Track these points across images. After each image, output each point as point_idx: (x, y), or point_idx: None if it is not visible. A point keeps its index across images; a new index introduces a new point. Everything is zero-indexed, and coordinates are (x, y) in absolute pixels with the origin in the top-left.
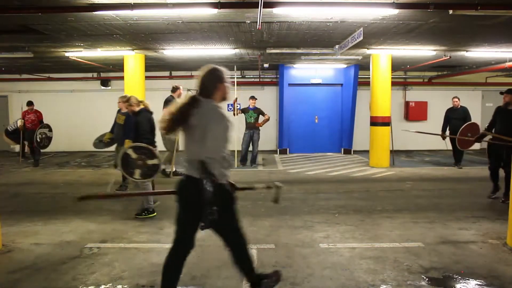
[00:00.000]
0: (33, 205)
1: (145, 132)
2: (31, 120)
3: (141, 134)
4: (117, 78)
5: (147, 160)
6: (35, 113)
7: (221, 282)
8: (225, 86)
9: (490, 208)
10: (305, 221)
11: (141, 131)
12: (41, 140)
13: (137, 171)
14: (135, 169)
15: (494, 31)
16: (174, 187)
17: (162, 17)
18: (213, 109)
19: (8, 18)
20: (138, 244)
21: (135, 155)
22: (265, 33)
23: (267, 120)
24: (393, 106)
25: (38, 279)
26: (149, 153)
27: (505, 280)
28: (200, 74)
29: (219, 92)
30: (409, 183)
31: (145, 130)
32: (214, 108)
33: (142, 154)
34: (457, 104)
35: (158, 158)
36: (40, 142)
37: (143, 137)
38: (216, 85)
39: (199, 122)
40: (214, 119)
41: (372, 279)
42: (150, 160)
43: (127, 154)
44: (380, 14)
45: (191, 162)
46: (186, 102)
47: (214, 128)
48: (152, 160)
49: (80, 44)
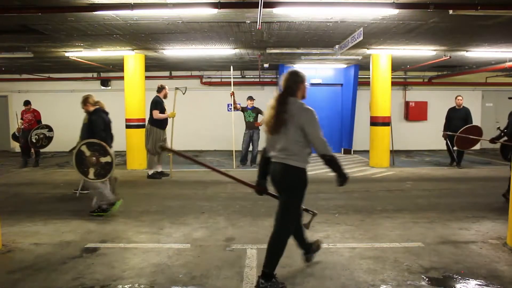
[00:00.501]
0: (33, 205)
1: (99, 131)
2: (28, 120)
3: (95, 133)
4: (117, 78)
5: (101, 158)
6: (32, 112)
7: (221, 282)
8: (305, 86)
9: (490, 208)
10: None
11: (95, 130)
12: (38, 141)
13: (91, 170)
14: (89, 168)
15: (494, 31)
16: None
17: (162, 17)
18: (302, 107)
19: (8, 18)
20: (138, 244)
21: (88, 152)
22: (265, 33)
23: None
24: (393, 106)
25: (38, 279)
26: (102, 150)
27: (505, 280)
28: (284, 77)
29: (300, 91)
30: (409, 183)
31: (99, 129)
32: (302, 105)
33: (95, 151)
34: (461, 103)
35: (111, 156)
36: (36, 142)
37: (97, 136)
38: (298, 85)
39: (290, 117)
40: (309, 117)
41: (372, 279)
42: (103, 157)
43: (81, 151)
44: (380, 14)
45: (283, 151)
46: (277, 102)
47: (311, 125)
48: (105, 158)
49: (80, 44)
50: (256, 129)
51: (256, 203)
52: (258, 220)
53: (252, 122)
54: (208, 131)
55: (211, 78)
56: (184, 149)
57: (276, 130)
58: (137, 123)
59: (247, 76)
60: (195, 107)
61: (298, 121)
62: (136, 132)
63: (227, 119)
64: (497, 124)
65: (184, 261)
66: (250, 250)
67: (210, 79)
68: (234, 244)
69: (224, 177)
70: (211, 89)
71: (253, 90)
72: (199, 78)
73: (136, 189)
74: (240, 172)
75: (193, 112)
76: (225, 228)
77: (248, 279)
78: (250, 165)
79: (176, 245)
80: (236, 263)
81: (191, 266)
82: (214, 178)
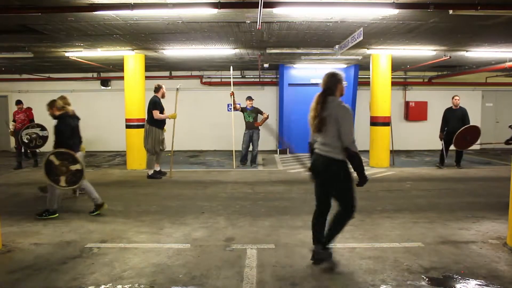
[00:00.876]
0: (33, 205)
1: (65, 140)
2: (21, 120)
3: (61, 142)
4: (117, 78)
5: (70, 166)
6: (24, 112)
7: (221, 282)
8: (342, 86)
9: (490, 208)
10: (305, 221)
11: (62, 139)
12: (31, 141)
13: (62, 178)
14: (60, 176)
15: (494, 31)
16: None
17: (162, 17)
18: (339, 105)
19: (8, 18)
20: (138, 244)
21: (57, 161)
22: (265, 33)
23: (266, 119)
24: (393, 106)
25: (38, 279)
26: (70, 158)
27: (505, 280)
28: (324, 78)
29: (338, 90)
30: (409, 183)
31: (66, 137)
32: (340, 103)
33: (64, 160)
34: (458, 103)
35: (80, 163)
36: (29, 142)
37: (62, 143)
38: (336, 85)
39: (329, 114)
40: (343, 114)
41: (372, 279)
42: (73, 165)
43: (50, 160)
44: (380, 14)
45: (325, 145)
46: (318, 102)
47: (344, 120)
48: (75, 166)
49: (80, 44)
50: (256, 129)
51: (256, 203)
52: (258, 220)
53: (252, 122)
54: (208, 131)
55: (211, 78)
56: (184, 149)
57: (319, 130)
58: (137, 123)
59: (247, 76)
60: (195, 107)
61: (336, 117)
62: (136, 132)
63: (227, 119)
64: (497, 124)
65: (184, 261)
66: (250, 250)
67: (210, 79)
68: (234, 244)
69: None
70: (211, 89)
71: (253, 90)
72: (199, 78)
73: (136, 189)
74: (240, 172)
75: (193, 112)
76: (225, 228)
77: (248, 279)
78: (250, 165)
79: (176, 245)
80: (236, 263)
81: (191, 266)
82: (214, 178)
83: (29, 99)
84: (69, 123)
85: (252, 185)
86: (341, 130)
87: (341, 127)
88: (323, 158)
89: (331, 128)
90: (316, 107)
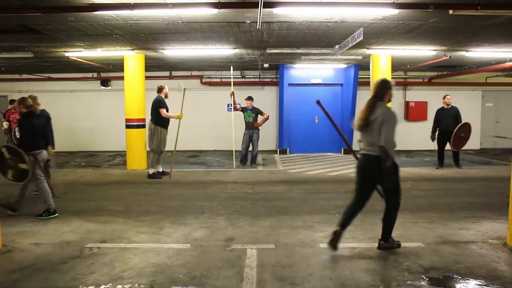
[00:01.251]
0: (33, 205)
1: (23, 138)
2: (16, 119)
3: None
4: (117, 78)
5: (19, 163)
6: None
7: (221, 282)
8: (391, 92)
9: (490, 208)
10: (305, 221)
11: (21, 137)
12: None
13: (10, 172)
14: (9, 169)
15: (494, 31)
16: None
17: (162, 17)
18: (386, 110)
19: (8, 18)
20: (138, 244)
21: (8, 155)
22: (265, 33)
23: (266, 119)
24: (393, 106)
25: (38, 279)
26: (20, 156)
27: (505, 280)
28: (375, 84)
29: (387, 96)
30: (409, 183)
31: (25, 136)
32: (387, 109)
33: (15, 156)
34: (450, 102)
35: (28, 164)
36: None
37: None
38: (386, 91)
39: (376, 118)
40: (388, 117)
41: (372, 279)
42: (21, 164)
43: (1, 152)
44: (380, 14)
45: (371, 145)
46: (368, 105)
47: (388, 124)
48: (23, 165)
49: (80, 44)
50: (256, 129)
51: (256, 203)
52: (258, 220)
53: (252, 122)
54: (208, 131)
55: (211, 78)
56: (184, 149)
57: (363, 129)
58: (137, 123)
59: (247, 76)
60: (195, 107)
61: (381, 120)
62: (136, 132)
63: (227, 119)
64: (497, 124)
65: (184, 261)
66: (250, 250)
67: (210, 79)
68: (234, 244)
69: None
70: (211, 89)
71: (253, 90)
72: (199, 78)
73: (136, 189)
74: (240, 172)
75: (193, 112)
76: (225, 228)
77: (248, 279)
78: (250, 165)
79: (176, 245)
80: (236, 263)
81: (191, 266)
82: (214, 178)
83: None
84: (31, 122)
85: (252, 185)
86: (382, 131)
87: (383, 129)
88: (370, 157)
89: (376, 130)
90: (365, 109)
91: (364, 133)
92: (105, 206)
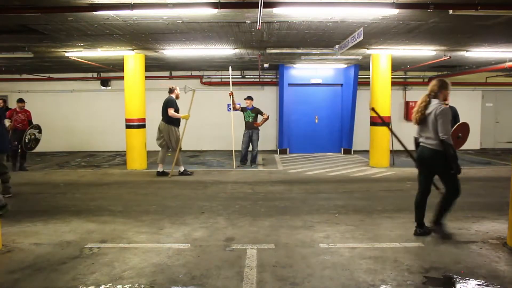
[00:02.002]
0: (33, 205)
1: None
2: (21, 120)
3: None
4: (117, 78)
5: None
6: (24, 112)
7: (221, 282)
8: (447, 92)
9: (490, 208)
10: (305, 221)
11: None
12: (29, 142)
13: None
14: None
15: (494, 31)
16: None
17: (162, 17)
18: (439, 106)
19: (8, 18)
20: (138, 244)
21: None
22: (265, 33)
23: (266, 119)
24: (393, 106)
25: (38, 279)
26: None
27: (505, 280)
28: (432, 83)
29: (442, 95)
30: (409, 183)
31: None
32: (440, 105)
33: None
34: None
35: None
36: (28, 143)
37: None
38: (441, 91)
39: (430, 113)
40: (441, 111)
41: (372, 279)
42: None
43: None
44: (380, 14)
45: (426, 138)
46: (424, 101)
47: (442, 118)
48: None
49: (80, 44)
50: (256, 129)
51: (256, 203)
52: (258, 220)
53: (252, 122)
54: (208, 131)
55: (211, 78)
56: (184, 149)
57: (419, 123)
58: (137, 123)
59: (247, 76)
60: (195, 107)
61: (435, 115)
62: (136, 132)
63: (227, 119)
64: (497, 124)
65: (184, 261)
66: (250, 250)
67: (210, 79)
68: (234, 244)
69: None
70: (211, 89)
71: (253, 90)
72: (199, 78)
73: (136, 189)
74: (240, 172)
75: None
76: (225, 228)
77: (248, 279)
78: (250, 165)
79: (176, 245)
80: (236, 263)
81: (191, 266)
82: (214, 178)
83: (29, 99)
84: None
85: (252, 185)
86: (438, 126)
87: (438, 124)
88: (428, 150)
89: (431, 124)
90: (420, 105)
91: (421, 126)
92: (105, 206)
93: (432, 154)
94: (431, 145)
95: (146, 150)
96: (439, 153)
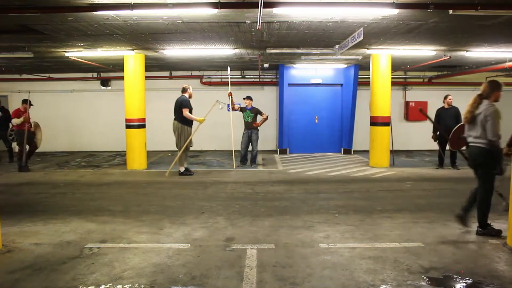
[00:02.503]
0: (33, 205)
1: None
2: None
3: None
4: (117, 78)
5: None
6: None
7: (221, 282)
8: (499, 93)
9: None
10: (305, 221)
11: None
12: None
13: None
14: None
15: (494, 31)
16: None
17: (162, 17)
18: (489, 107)
19: (8, 18)
20: (138, 244)
21: None
22: (265, 33)
23: (266, 120)
24: (393, 106)
25: (38, 279)
26: None
27: (505, 280)
28: (484, 84)
29: (493, 96)
30: (409, 183)
31: None
32: (490, 106)
33: None
34: (451, 103)
35: None
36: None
37: None
38: (494, 92)
39: (480, 113)
40: (491, 112)
41: (372, 279)
42: None
43: None
44: (380, 14)
45: (475, 137)
46: (475, 101)
47: (491, 119)
48: None
49: (80, 44)
50: (255, 129)
51: (256, 203)
52: (258, 220)
53: (251, 122)
54: (208, 131)
55: (211, 78)
56: None
57: (469, 122)
58: (137, 123)
59: (247, 76)
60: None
61: (485, 115)
62: (136, 132)
63: (227, 119)
64: None
65: (184, 261)
66: (250, 250)
67: (210, 79)
68: (234, 244)
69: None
70: (211, 89)
71: (253, 90)
72: (199, 78)
73: (136, 189)
74: (240, 172)
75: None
76: (225, 228)
77: (248, 279)
78: (250, 165)
79: (176, 245)
80: (236, 263)
81: (191, 266)
82: (214, 178)
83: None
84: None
85: (252, 185)
86: (487, 126)
87: (487, 124)
88: (476, 148)
89: (481, 124)
90: (472, 105)
91: (470, 126)
92: (105, 206)
93: (479, 152)
94: (479, 143)
95: (146, 150)
96: (485, 150)
